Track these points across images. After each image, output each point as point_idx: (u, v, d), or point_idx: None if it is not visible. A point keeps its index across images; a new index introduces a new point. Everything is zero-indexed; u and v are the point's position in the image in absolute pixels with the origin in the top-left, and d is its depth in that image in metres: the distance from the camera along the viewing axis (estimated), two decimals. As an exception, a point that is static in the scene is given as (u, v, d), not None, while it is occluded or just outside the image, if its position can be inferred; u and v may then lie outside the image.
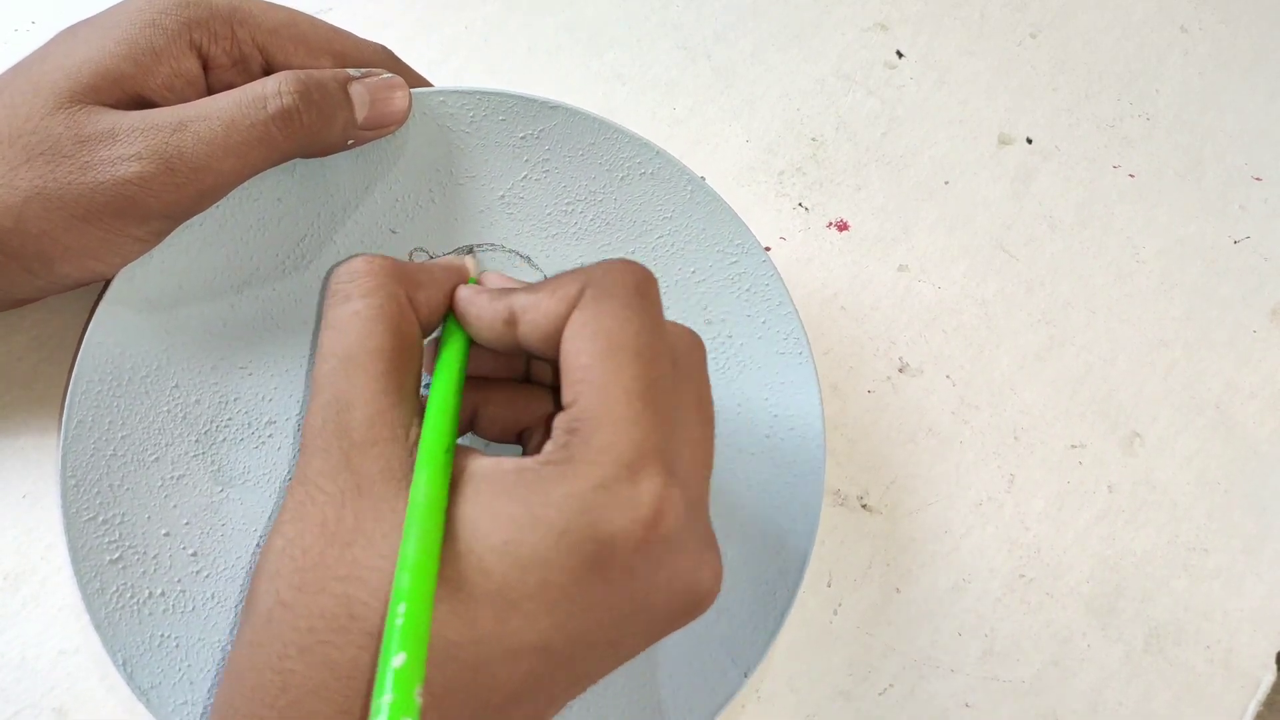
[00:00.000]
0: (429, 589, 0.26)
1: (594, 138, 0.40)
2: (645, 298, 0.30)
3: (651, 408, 0.28)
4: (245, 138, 0.34)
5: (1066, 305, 0.49)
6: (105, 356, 0.36)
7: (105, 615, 0.35)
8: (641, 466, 0.28)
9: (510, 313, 0.31)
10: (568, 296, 0.30)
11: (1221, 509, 0.47)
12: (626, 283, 0.30)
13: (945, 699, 0.43)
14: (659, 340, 0.30)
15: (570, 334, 0.30)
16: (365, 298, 0.31)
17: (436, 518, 0.27)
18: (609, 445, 0.28)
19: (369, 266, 0.32)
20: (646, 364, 0.29)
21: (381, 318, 0.31)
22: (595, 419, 0.28)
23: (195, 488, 0.37)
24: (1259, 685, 0.45)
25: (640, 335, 0.29)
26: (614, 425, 0.28)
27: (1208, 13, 0.57)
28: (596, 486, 0.27)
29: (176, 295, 0.37)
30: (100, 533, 0.35)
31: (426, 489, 0.27)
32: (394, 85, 0.38)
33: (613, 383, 0.28)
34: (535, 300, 0.31)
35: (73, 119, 0.33)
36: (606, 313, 0.29)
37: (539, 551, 0.27)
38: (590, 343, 0.29)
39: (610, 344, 0.29)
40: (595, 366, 0.29)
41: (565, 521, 0.27)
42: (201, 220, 0.37)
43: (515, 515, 0.27)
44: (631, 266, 0.31)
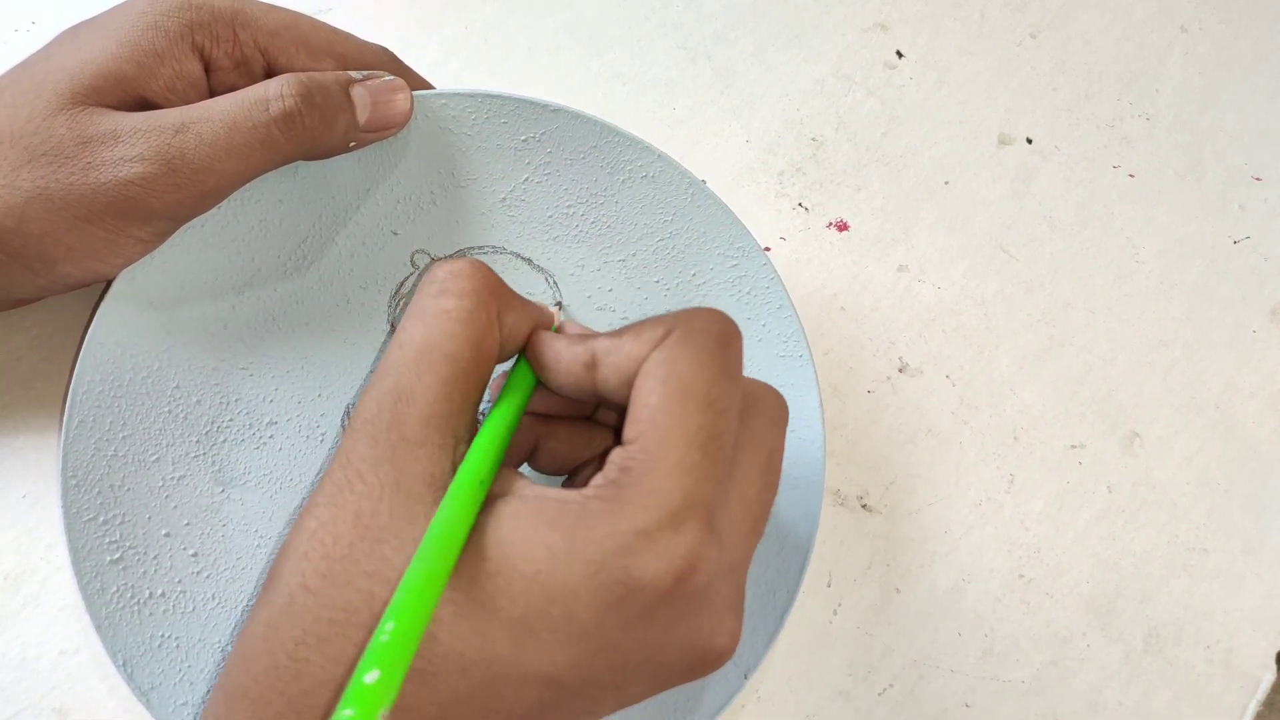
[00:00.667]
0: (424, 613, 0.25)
1: (595, 140, 0.40)
2: (727, 349, 0.30)
3: (710, 459, 0.28)
4: (247, 140, 0.34)
5: (1066, 305, 0.50)
6: (106, 357, 0.36)
7: (105, 616, 0.35)
8: (686, 518, 0.27)
9: (592, 356, 0.31)
10: (652, 339, 0.30)
11: (1221, 509, 0.47)
12: (710, 331, 0.30)
13: (945, 699, 0.43)
14: (732, 393, 0.30)
15: (645, 372, 0.29)
16: (460, 299, 0.30)
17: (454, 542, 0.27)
18: (658, 490, 0.27)
19: (473, 270, 0.31)
20: (715, 415, 0.29)
21: (470, 323, 0.30)
22: (651, 460, 0.28)
23: (196, 488, 0.37)
24: (1259, 685, 0.45)
25: (714, 385, 0.29)
26: (668, 471, 0.28)
27: (1208, 13, 0.57)
28: (639, 530, 0.27)
29: (178, 296, 0.37)
30: (101, 533, 0.35)
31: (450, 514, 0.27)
32: (396, 88, 0.38)
33: (676, 427, 0.28)
34: (618, 344, 0.30)
35: (75, 120, 0.33)
36: (684, 357, 0.29)
37: (569, 585, 0.27)
38: (662, 384, 0.29)
39: (682, 389, 0.29)
40: (662, 408, 0.28)
41: (601, 559, 0.27)
42: (203, 221, 0.37)
43: (552, 545, 0.27)
44: (718, 316, 0.31)
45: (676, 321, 0.30)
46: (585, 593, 0.27)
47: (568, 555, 0.27)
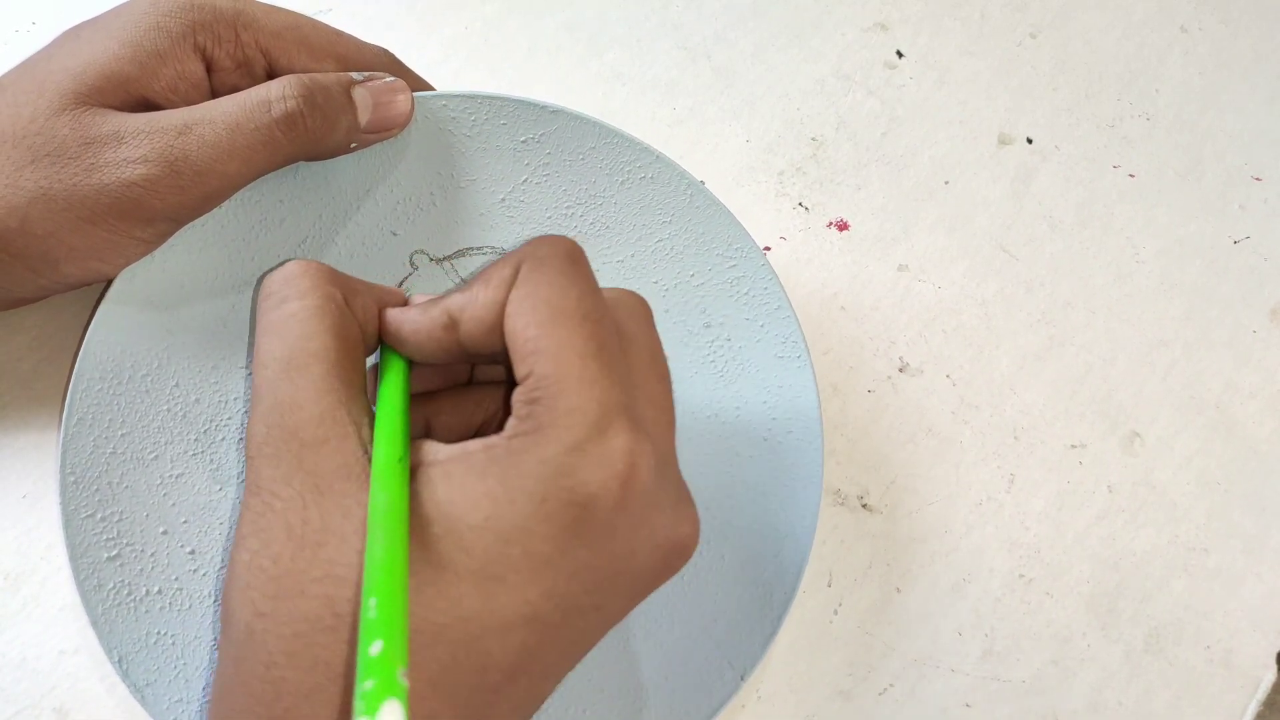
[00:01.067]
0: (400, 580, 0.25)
1: (594, 142, 0.41)
2: (578, 264, 0.30)
3: (607, 366, 0.28)
4: (249, 141, 0.34)
5: (1066, 305, 0.49)
6: (106, 355, 0.36)
7: (102, 612, 0.35)
8: (609, 423, 0.28)
9: (448, 316, 0.31)
10: (504, 280, 0.30)
11: (1221, 509, 0.47)
12: (558, 253, 0.30)
13: (945, 699, 0.43)
14: (600, 304, 0.30)
15: (511, 311, 0.29)
16: (301, 299, 0.30)
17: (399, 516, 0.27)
18: (574, 407, 0.28)
19: (303, 269, 0.31)
20: (594, 325, 0.29)
21: (321, 317, 0.30)
22: (555, 385, 0.28)
23: (194, 486, 0.37)
24: (1259, 685, 0.45)
25: (582, 299, 0.29)
26: (575, 387, 0.28)
27: (1208, 13, 0.57)
28: (569, 449, 0.27)
29: (178, 295, 0.37)
30: (98, 530, 0.35)
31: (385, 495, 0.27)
32: (396, 89, 0.38)
33: (564, 347, 0.28)
34: (471, 295, 0.31)
35: (78, 121, 0.34)
36: (544, 283, 0.29)
37: (519, 522, 0.27)
38: (533, 314, 0.29)
39: (554, 311, 0.29)
40: (544, 335, 0.28)
41: (543, 489, 0.27)
42: (204, 221, 0.37)
43: (491, 490, 0.27)
44: (558, 239, 0.31)
45: (521, 256, 0.30)
46: (537, 524, 0.27)
47: (508, 495, 0.27)
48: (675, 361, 0.42)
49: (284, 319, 0.30)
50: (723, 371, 0.42)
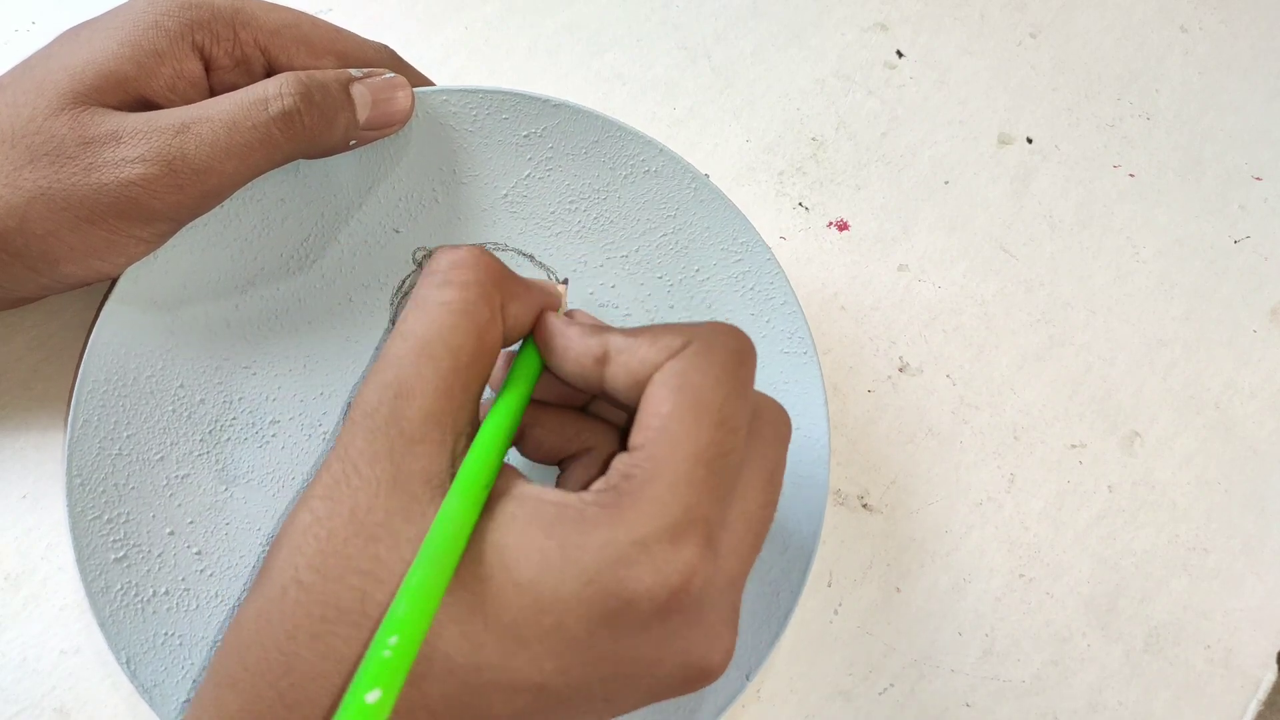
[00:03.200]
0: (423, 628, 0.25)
1: (597, 135, 0.40)
2: (743, 366, 0.30)
3: (715, 476, 0.28)
4: (247, 139, 0.34)
5: (1066, 305, 0.50)
6: (111, 356, 0.36)
7: (109, 614, 0.35)
8: (684, 532, 0.27)
9: (604, 351, 0.31)
10: (669, 347, 0.29)
11: (1221, 508, 0.47)
12: (729, 347, 0.30)
13: (945, 699, 0.43)
14: (743, 412, 0.29)
15: (659, 380, 0.29)
16: (462, 290, 0.30)
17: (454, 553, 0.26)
18: (659, 501, 0.27)
19: (474, 258, 0.31)
20: (725, 432, 0.28)
21: (470, 315, 0.30)
22: (655, 471, 0.27)
23: (200, 487, 0.37)
24: (1259, 685, 0.45)
25: (728, 402, 0.29)
26: (671, 483, 0.27)
27: (1208, 13, 0.57)
28: (635, 541, 0.27)
29: (181, 295, 0.37)
30: (105, 531, 0.35)
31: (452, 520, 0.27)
32: (396, 85, 0.38)
33: (686, 440, 0.28)
34: (633, 344, 0.30)
35: (76, 120, 0.33)
36: (701, 370, 0.29)
37: (561, 595, 0.26)
38: (675, 393, 0.28)
39: (695, 401, 0.28)
40: (674, 418, 0.28)
41: (595, 569, 0.27)
42: (205, 221, 0.37)
43: (546, 552, 0.27)
44: (737, 333, 0.30)
45: (695, 333, 0.30)
46: (577, 603, 0.26)
47: (561, 563, 0.27)
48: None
49: (438, 303, 0.30)
50: None
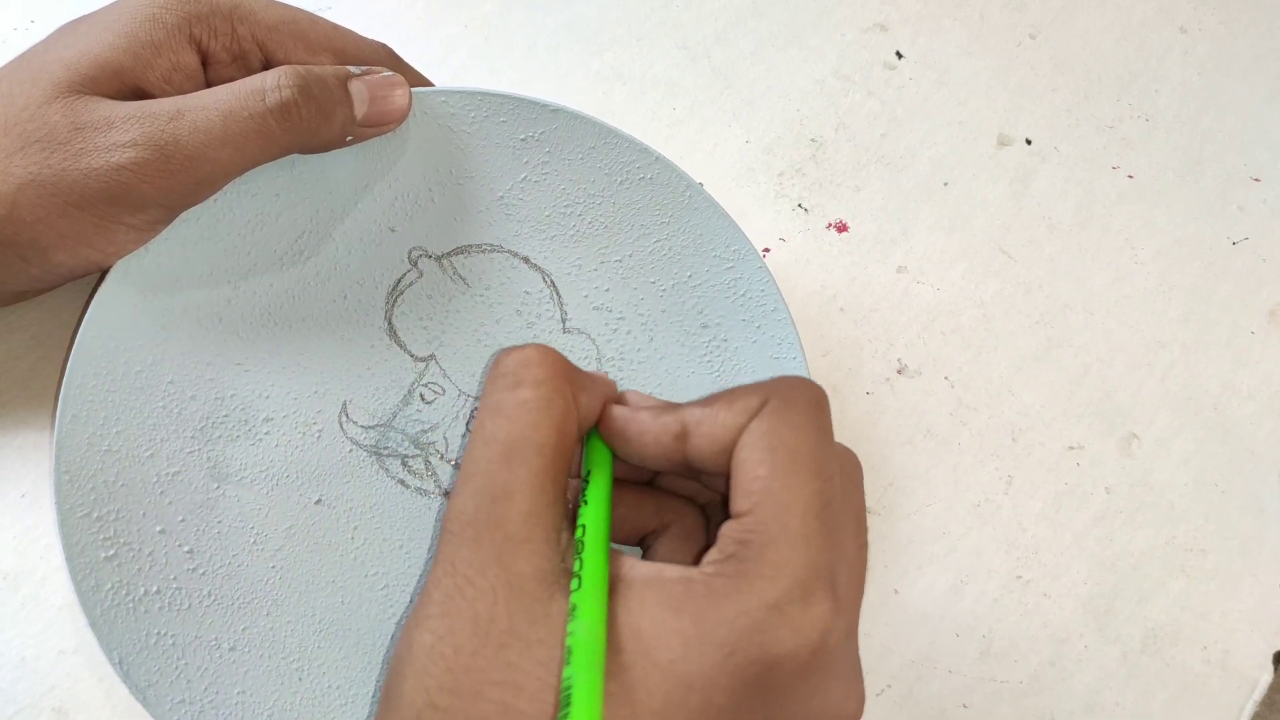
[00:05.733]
0: None
1: (594, 141, 0.40)
2: (823, 414, 0.30)
3: (826, 527, 0.28)
4: (242, 129, 0.34)
5: (1065, 307, 0.49)
6: (100, 350, 0.36)
7: (101, 613, 0.35)
8: (813, 589, 0.27)
9: (682, 427, 0.31)
10: (748, 408, 0.30)
11: (1219, 510, 0.47)
12: (808, 398, 0.30)
13: (943, 699, 0.43)
14: (833, 461, 0.29)
15: (747, 443, 0.29)
16: (536, 388, 0.30)
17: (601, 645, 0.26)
18: (784, 563, 0.27)
19: (543, 357, 0.31)
20: (824, 482, 0.28)
21: (550, 411, 0.29)
22: (771, 533, 0.27)
23: (191, 484, 0.37)
24: (1256, 686, 0.45)
25: (818, 452, 0.29)
26: (790, 542, 0.27)
27: (1207, 13, 0.57)
28: (770, 606, 0.27)
29: (172, 289, 0.37)
30: (95, 529, 0.35)
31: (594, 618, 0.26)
32: (394, 83, 0.38)
33: (793, 498, 0.28)
34: (711, 413, 0.30)
35: (70, 108, 0.33)
36: (788, 425, 0.29)
37: (705, 671, 0.26)
38: (769, 454, 0.28)
39: (792, 458, 0.28)
40: (775, 479, 0.28)
41: (735, 640, 0.26)
42: (198, 214, 0.37)
43: (684, 631, 0.27)
44: (811, 384, 0.31)
45: (771, 390, 0.30)
46: (722, 675, 0.26)
47: (700, 640, 0.26)
48: (672, 361, 0.42)
49: (516, 404, 0.29)
50: (719, 372, 0.42)
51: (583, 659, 0.26)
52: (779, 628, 0.27)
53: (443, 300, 0.41)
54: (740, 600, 0.27)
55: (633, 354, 0.42)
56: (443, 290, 0.41)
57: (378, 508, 0.39)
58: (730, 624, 0.26)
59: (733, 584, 0.27)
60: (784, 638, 0.27)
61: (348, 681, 0.38)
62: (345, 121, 0.37)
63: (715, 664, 0.26)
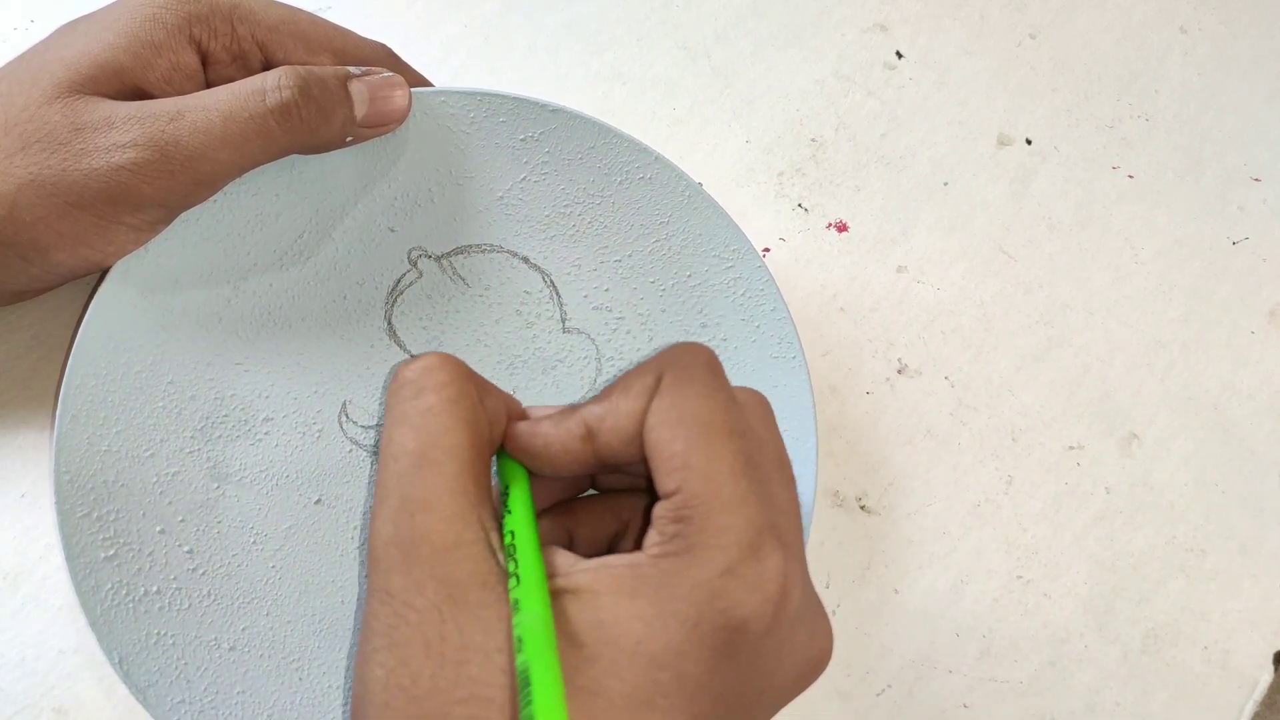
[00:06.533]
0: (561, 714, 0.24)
1: (593, 141, 0.40)
2: (718, 375, 0.30)
3: (755, 482, 0.28)
4: (243, 129, 0.34)
5: (1065, 306, 0.49)
6: (99, 350, 0.36)
7: (101, 613, 0.35)
8: (760, 544, 0.27)
9: (585, 427, 0.30)
10: (644, 389, 0.29)
11: (1219, 510, 0.47)
12: (699, 362, 0.30)
13: (943, 699, 0.43)
14: (742, 416, 0.29)
15: (655, 423, 0.29)
16: (439, 391, 0.29)
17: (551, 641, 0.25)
18: (727, 527, 0.27)
19: (441, 361, 0.30)
20: (740, 440, 0.28)
21: (457, 413, 0.29)
22: (705, 503, 0.27)
23: (191, 484, 0.37)
24: (1256, 686, 0.45)
25: (728, 413, 0.29)
26: (726, 507, 0.27)
27: (1207, 13, 0.57)
28: (722, 571, 0.27)
29: (172, 289, 0.37)
30: (95, 529, 0.35)
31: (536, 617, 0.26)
32: (394, 84, 0.38)
33: (715, 464, 0.28)
34: (610, 406, 0.30)
35: (70, 108, 0.33)
36: (689, 395, 0.29)
37: (672, 646, 0.26)
38: (680, 428, 0.28)
39: (702, 426, 0.28)
40: (693, 451, 0.28)
41: (696, 612, 0.26)
42: (198, 214, 0.37)
43: (643, 613, 0.26)
44: (698, 347, 0.30)
45: (661, 365, 0.30)
46: (690, 647, 0.26)
47: (661, 618, 0.26)
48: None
49: (420, 412, 0.29)
50: None
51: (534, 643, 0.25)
52: (737, 589, 0.27)
53: (442, 300, 0.41)
54: (693, 574, 0.27)
55: (632, 354, 0.42)
56: (442, 290, 0.41)
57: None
58: (688, 598, 0.26)
59: (682, 560, 0.27)
60: (744, 598, 0.27)
61: (347, 681, 0.38)
62: (345, 122, 0.37)
63: (681, 638, 0.26)
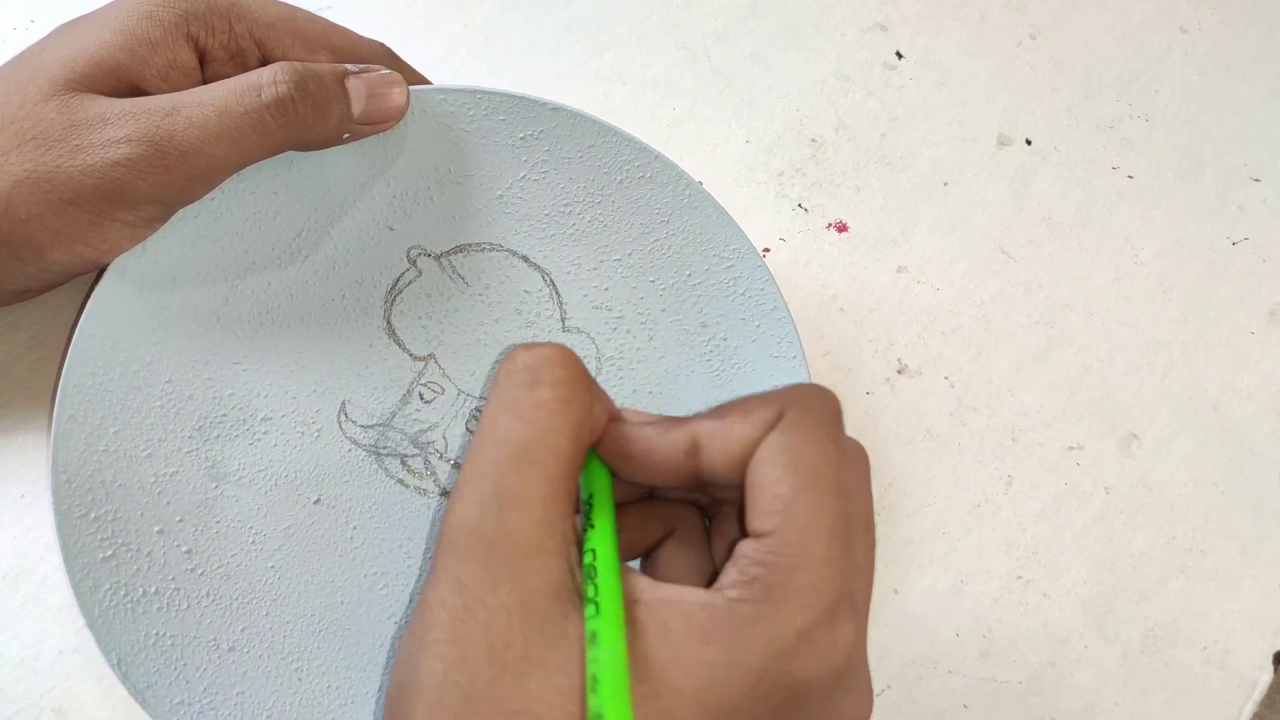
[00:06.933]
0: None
1: (593, 140, 0.40)
2: (839, 426, 0.29)
3: (847, 547, 0.27)
4: (238, 124, 0.34)
5: (1065, 307, 0.49)
6: (97, 350, 0.36)
7: (99, 614, 0.34)
8: (839, 612, 0.27)
9: (693, 441, 0.29)
10: (764, 420, 0.28)
11: (1218, 510, 0.47)
12: (825, 411, 0.29)
13: (943, 700, 0.43)
14: (852, 475, 0.29)
15: (765, 458, 0.28)
16: (556, 388, 0.28)
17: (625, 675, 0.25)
18: (811, 588, 0.26)
19: (565, 357, 0.29)
20: (844, 500, 0.28)
21: (569, 415, 0.28)
22: (795, 556, 0.27)
23: (189, 484, 0.37)
24: (1255, 686, 0.45)
25: (841, 470, 0.28)
26: (815, 566, 0.27)
27: (1207, 13, 0.57)
28: (799, 632, 0.26)
29: (169, 288, 0.37)
30: (93, 530, 0.35)
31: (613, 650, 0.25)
32: (392, 81, 0.38)
33: (815, 519, 0.27)
34: (724, 426, 0.29)
35: (66, 105, 0.33)
36: (808, 440, 0.28)
37: (732, 699, 0.26)
38: (790, 472, 0.27)
39: (814, 476, 0.27)
40: (798, 499, 0.27)
41: (763, 666, 0.26)
42: (196, 212, 0.37)
43: (711, 661, 0.26)
44: (827, 393, 0.30)
45: (787, 401, 0.29)
46: (747, 702, 0.26)
47: (727, 669, 0.26)
48: (672, 360, 0.42)
49: (533, 404, 0.28)
50: (719, 371, 0.42)
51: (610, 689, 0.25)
52: (807, 653, 0.26)
53: (442, 299, 0.41)
54: (768, 627, 0.26)
55: (632, 353, 0.42)
56: (442, 289, 0.41)
57: (377, 507, 0.39)
58: (759, 653, 0.26)
59: (759, 610, 0.26)
60: (810, 664, 0.26)
61: (347, 681, 0.38)
62: (342, 118, 0.36)
63: (743, 691, 0.26)
